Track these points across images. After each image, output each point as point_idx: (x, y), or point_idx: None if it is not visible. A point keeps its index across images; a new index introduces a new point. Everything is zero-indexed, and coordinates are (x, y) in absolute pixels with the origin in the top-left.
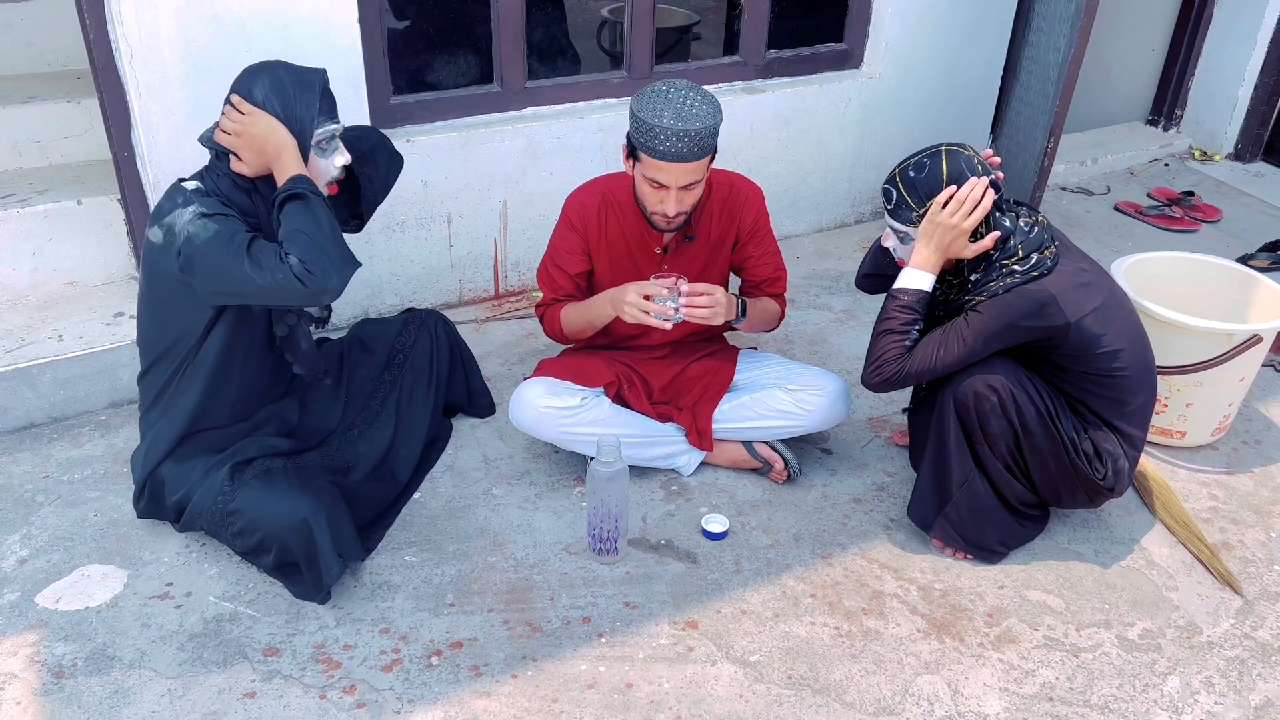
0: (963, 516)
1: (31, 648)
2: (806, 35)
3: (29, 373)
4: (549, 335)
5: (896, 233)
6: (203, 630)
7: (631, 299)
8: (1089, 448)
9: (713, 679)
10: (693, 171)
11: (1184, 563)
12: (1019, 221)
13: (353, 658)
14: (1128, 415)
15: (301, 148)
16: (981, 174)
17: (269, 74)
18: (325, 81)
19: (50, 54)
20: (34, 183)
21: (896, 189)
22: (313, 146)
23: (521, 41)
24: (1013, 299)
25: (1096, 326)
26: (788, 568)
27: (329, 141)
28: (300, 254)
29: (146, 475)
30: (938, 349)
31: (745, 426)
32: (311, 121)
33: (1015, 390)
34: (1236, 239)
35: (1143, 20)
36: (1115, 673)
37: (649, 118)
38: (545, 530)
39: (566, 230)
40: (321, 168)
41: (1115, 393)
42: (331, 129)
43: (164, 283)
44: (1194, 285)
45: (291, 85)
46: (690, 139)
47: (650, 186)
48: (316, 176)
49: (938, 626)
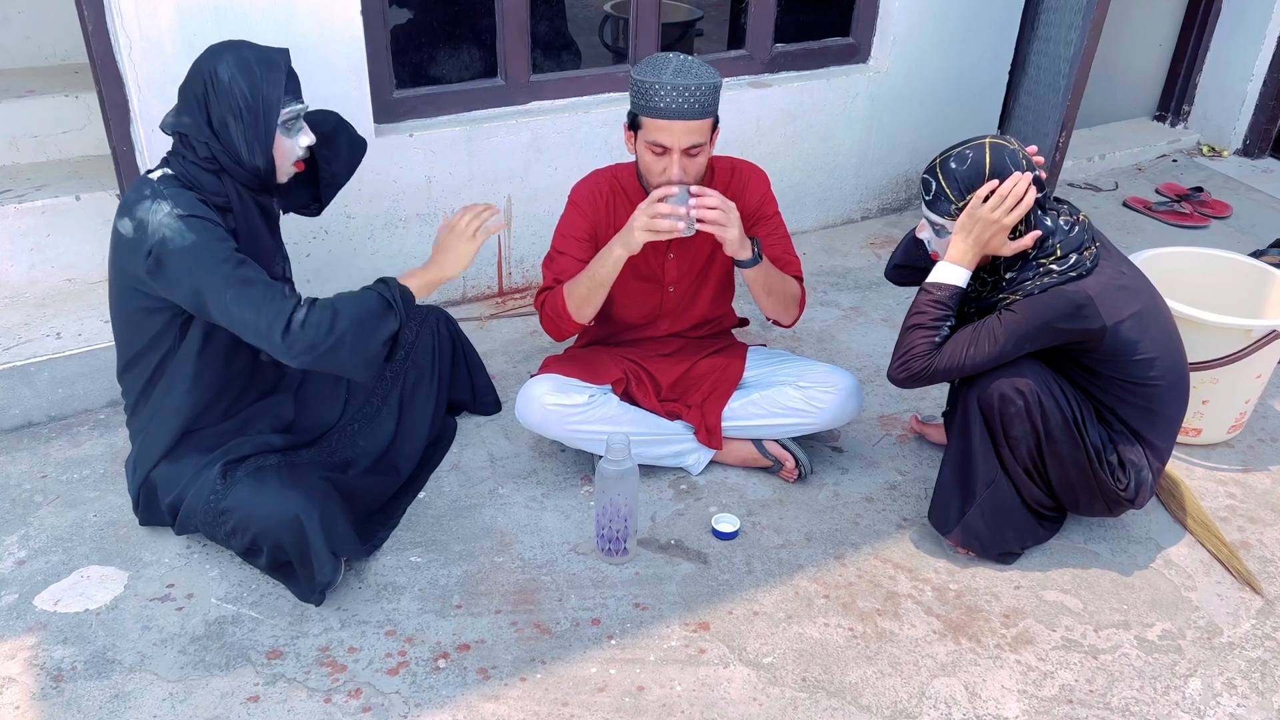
0: (985, 520)
1: (30, 651)
2: (813, 29)
3: (26, 371)
4: (548, 324)
5: (933, 225)
6: (204, 633)
7: (642, 219)
8: (1114, 458)
9: (726, 682)
10: (695, 131)
11: (1203, 562)
12: (1059, 220)
13: (358, 660)
14: (1158, 426)
15: (267, 128)
16: (1026, 169)
17: (234, 53)
18: (288, 61)
19: (48, 48)
20: (31, 178)
21: (936, 179)
22: (279, 126)
23: (525, 35)
24: (1048, 299)
25: (1133, 333)
26: (800, 568)
27: (294, 121)
28: (318, 324)
29: (140, 483)
30: (968, 347)
31: (755, 424)
32: (278, 101)
33: (1043, 395)
34: (1247, 235)
35: (1150, 15)
36: (1135, 674)
37: (648, 77)
38: (553, 530)
39: (575, 215)
40: (287, 148)
41: (1147, 402)
42: (297, 109)
43: (132, 278)
44: (1209, 281)
45: (257, 64)
46: (690, 94)
47: (653, 154)
48: (282, 156)
49: (953, 628)
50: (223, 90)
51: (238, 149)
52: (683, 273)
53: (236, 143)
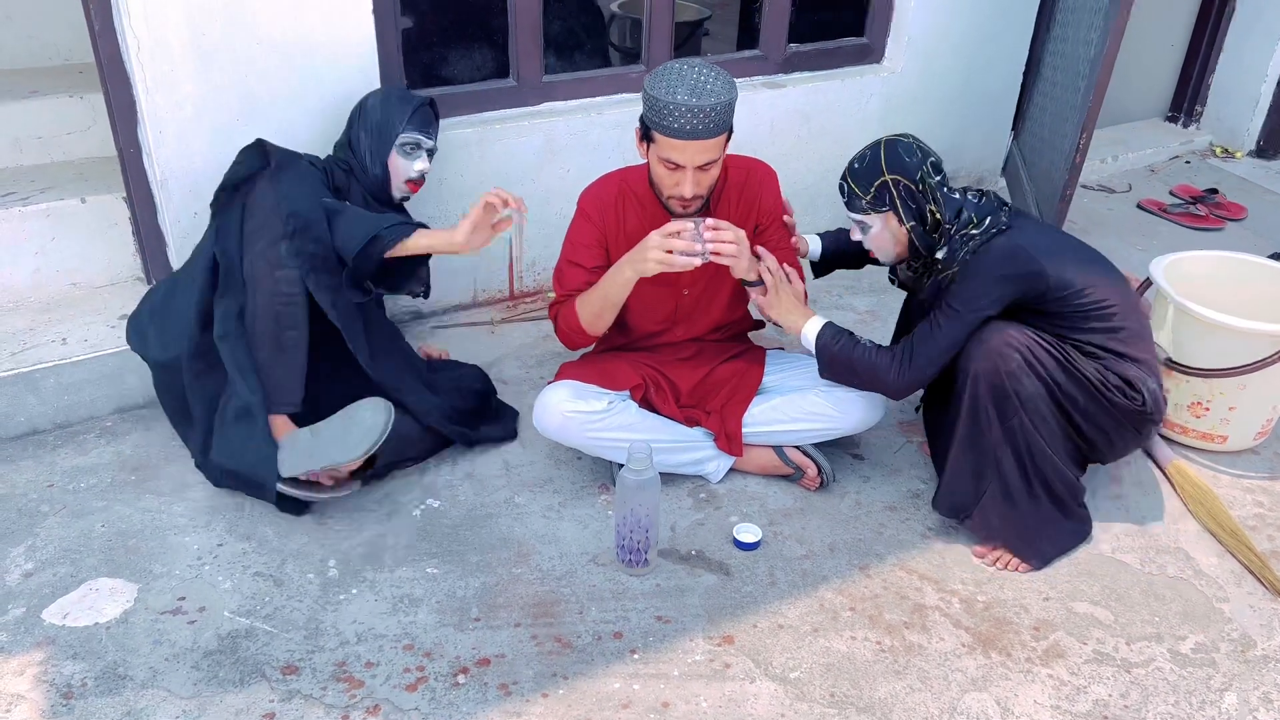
0: (999, 504)
1: (39, 666)
2: (827, 29)
3: (32, 377)
4: (564, 337)
5: (858, 224)
6: (218, 647)
7: (655, 242)
8: (1115, 379)
9: (752, 697)
10: (709, 150)
11: (1233, 572)
12: (966, 196)
13: (375, 676)
14: (1132, 342)
15: (385, 144)
16: (920, 160)
17: (384, 90)
18: (424, 104)
19: (51, 48)
20: (35, 180)
21: (846, 182)
22: (396, 145)
23: (538, 35)
24: (984, 257)
25: (1071, 271)
26: (824, 579)
27: (414, 149)
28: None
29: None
30: (931, 333)
31: (776, 430)
32: (399, 125)
33: (1031, 343)
34: (1264, 237)
35: (1163, 16)
36: (1170, 689)
37: (662, 95)
38: (571, 540)
39: (583, 223)
40: (401, 166)
41: (1112, 324)
42: (416, 138)
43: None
44: (1235, 286)
45: (395, 99)
46: (705, 115)
47: (666, 168)
48: (396, 172)
49: (983, 641)
50: (365, 114)
51: (363, 157)
52: (697, 277)
53: (363, 152)
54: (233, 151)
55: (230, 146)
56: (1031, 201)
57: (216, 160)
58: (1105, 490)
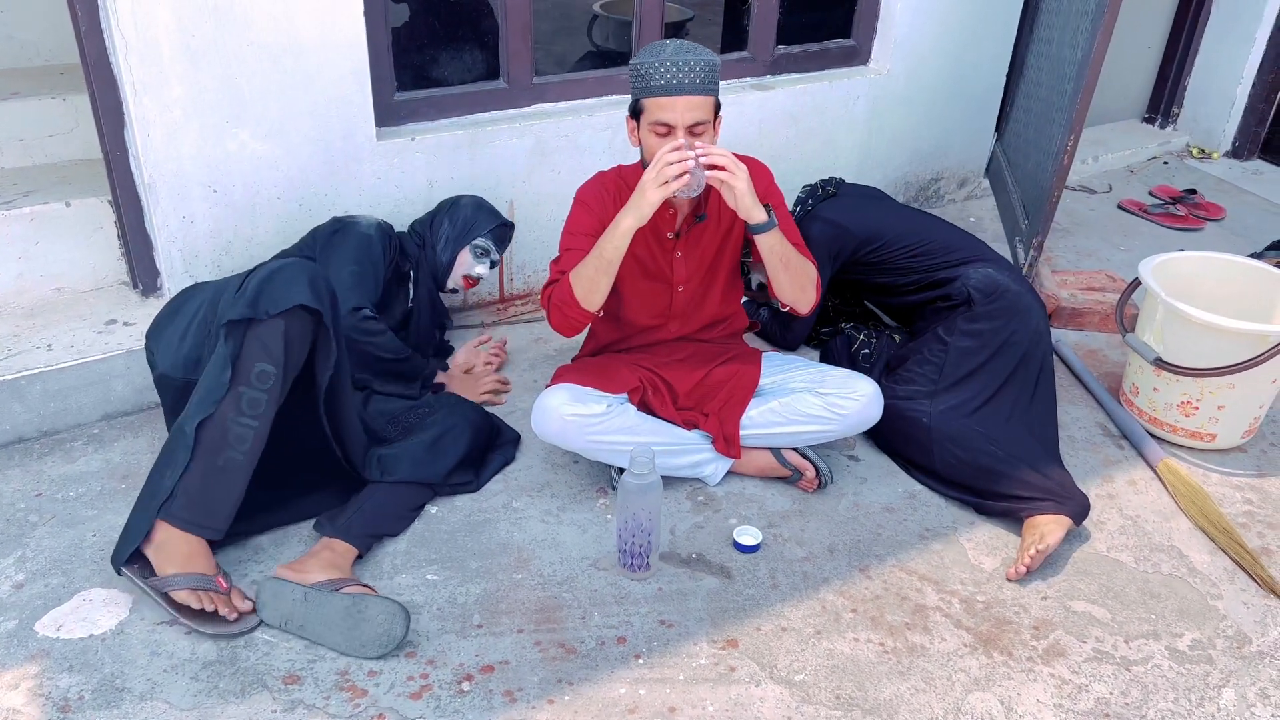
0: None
1: (34, 680)
2: (814, 31)
3: (17, 384)
4: (556, 318)
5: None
6: (217, 657)
7: (650, 175)
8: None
9: (758, 701)
10: (698, 108)
11: (1225, 570)
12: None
13: (379, 685)
14: (939, 255)
15: (461, 240)
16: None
17: (479, 199)
18: (505, 222)
19: (31, 48)
20: (18, 183)
21: None
22: (470, 244)
23: (529, 36)
24: (808, 230)
25: (872, 225)
26: (825, 581)
27: (483, 255)
28: (366, 328)
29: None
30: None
31: (774, 432)
32: (478, 230)
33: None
34: (1242, 237)
35: (1140, 18)
36: (1169, 686)
37: (649, 56)
38: (571, 545)
39: (582, 213)
40: (466, 262)
41: (923, 256)
42: (489, 246)
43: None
44: (1222, 285)
45: (486, 209)
46: (691, 69)
47: (657, 135)
48: (459, 265)
49: (984, 641)
50: (457, 208)
51: (439, 240)
52: (691, 271)
53: (440, 236)
54: (223, 154)
55: (220, 149)
56: (1017, 201)
57: (205, 163)
58: (1099, 489)
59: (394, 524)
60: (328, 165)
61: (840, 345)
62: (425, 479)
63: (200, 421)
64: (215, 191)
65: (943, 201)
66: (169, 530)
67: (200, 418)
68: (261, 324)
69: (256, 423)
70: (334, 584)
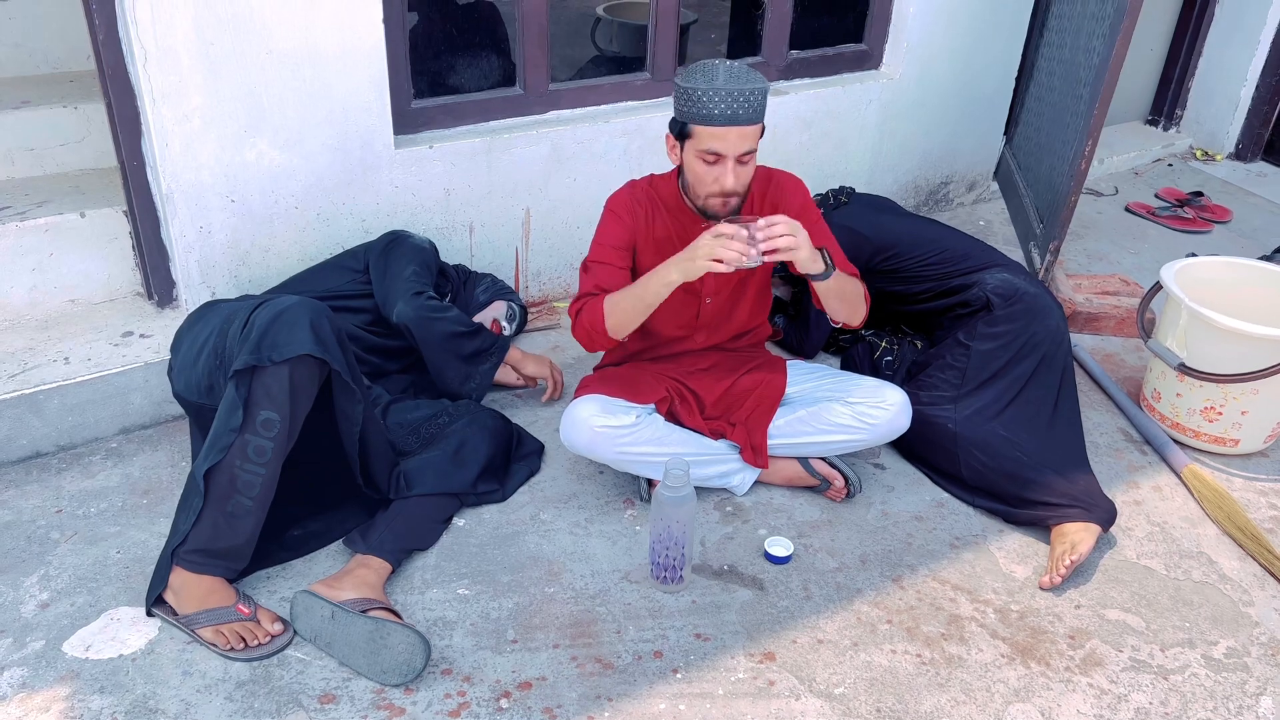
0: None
1: (65, 702)
2: (826, 35)
3: (35, 399)
4: (582, 334)
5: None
6: (250, 677)
7: (706, 246)
8: (956, 312)
9: (800, 715)
10: (749, 137)
11: (1255, 575)
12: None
13: (416, 703)
14: (956, 263)
15: (503, 294)
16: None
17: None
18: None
19: (40, 55)
20: (30, 194)
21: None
22: (508, 301)
23: (545, 43)
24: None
25: (890, 233)
26: (859, 592)
27: (510, 318)
28: (426, 307)
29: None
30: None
31: (802, 442)
32: (515, 298)
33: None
34: (1250, 240)
35: (1144, 20)
36: (1207, 695)
37: (701, 84)
38: (601, 557)
39: (614, 223)
40: (500, 311)
41: (939, 264)
42: (515, 312)
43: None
44: (1243, 290)
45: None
46: (745, 98)
47: (705, 163)
48: (492, 309)
49: (1021, 651)
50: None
51: (479, 283)
52: (721, 285)
53: (482, 281)
54: (241, 164)
55: (238, 158)
56: (1030, 205)
57: (223, 172)
58: (1125, 495)
59: (425, 537)
60: (346, 174)
61: (862, 352)
62: (451, 489)
63: (209, 469)
64: (233, 201)
65: (951, 205)
66: (184, 575)
67: (209, 465)
68: (266, 371)
69: (264, 470)
70: (363, 604)
